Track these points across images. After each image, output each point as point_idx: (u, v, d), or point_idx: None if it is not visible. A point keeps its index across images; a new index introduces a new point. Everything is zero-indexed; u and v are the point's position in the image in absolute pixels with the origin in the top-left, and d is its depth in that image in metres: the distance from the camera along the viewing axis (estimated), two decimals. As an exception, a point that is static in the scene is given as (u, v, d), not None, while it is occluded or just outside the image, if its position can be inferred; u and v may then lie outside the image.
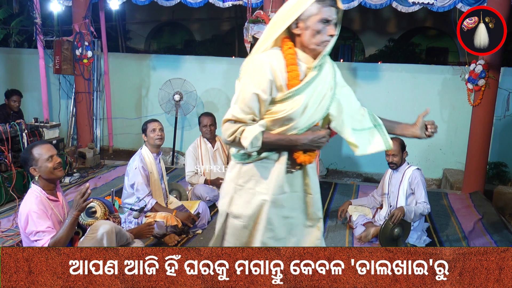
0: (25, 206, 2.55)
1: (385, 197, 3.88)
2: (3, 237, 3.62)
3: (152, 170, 3.75)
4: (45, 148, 2.62)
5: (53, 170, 2.60)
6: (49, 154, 2.60)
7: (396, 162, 3.68)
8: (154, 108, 6.97)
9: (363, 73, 6.34)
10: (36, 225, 2.48)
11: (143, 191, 3.65)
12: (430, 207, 3.65)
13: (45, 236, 2.49)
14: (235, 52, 11.61)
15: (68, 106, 7.02)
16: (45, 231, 2.49)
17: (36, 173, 2.60)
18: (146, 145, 3.80)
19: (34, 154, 2.58)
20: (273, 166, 1.99)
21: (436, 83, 6.19)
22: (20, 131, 4.58)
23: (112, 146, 7.21)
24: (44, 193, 2.61)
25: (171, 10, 12.50)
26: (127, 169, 3.77)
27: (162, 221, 3.57)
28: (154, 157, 3.80)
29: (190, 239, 3.69)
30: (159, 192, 3.81)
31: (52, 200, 2.65)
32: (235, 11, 11.53)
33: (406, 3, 5.33)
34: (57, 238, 2.49)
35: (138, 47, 13.35)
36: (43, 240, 2.49)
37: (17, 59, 7.62)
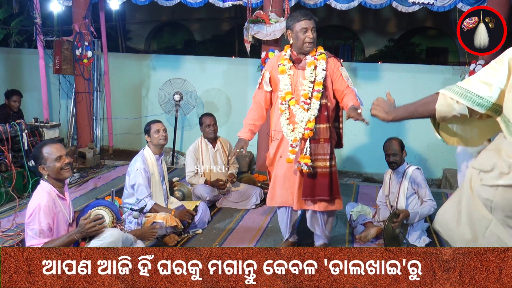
0: (35, 199, 2.56)
1: (386, 198, 3.89)
2: (3, 237, 3.62)
3: (154, 172, 3.75)
4: (54, 147, 2.64)
5: (60, 170, 2.61)
6: (58, 154, 2.61)
7: (397, 161, 3.68)
8: (154, 108, 6.96)
9: (363, 73, 6.34)
10: (39, 221, 2.49)
11: (142, 193, 3.65)
12: (436, 204, 3.65)
13: (41, 238, 2.51)
14: (235, 52, 11.61)
15: (68, 106, 7.02)
16: (43, 233, 2.50)
17: (45, 172, 2.63)
18: (149, 146, 3.80)
19: (43, 153, 2.61)
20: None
21: (436, 83, 6.18)
22: (20, 131, 4.58)
23: (112, 146, 7.20)
24: (55, 190, 2.64)
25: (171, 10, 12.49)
26: (128, 169, 3.77)
27: (162, 222, 3.58)
28: (156, 158, 3.80)
29: (190, 239, 3.69)
30: (159, 194, 3.81)
31: (61, 198, 2.67)
32: (235, 11, 11.52)
33: (406, 3, 5.32)
34: (51, 247, 2.49)
35: (138, 47, 13.34)
36: (37, 240, 2.50)
37: (17, 59, 7.61)
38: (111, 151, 7.14)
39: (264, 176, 5.53)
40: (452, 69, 6.08)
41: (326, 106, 3.09)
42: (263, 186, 5.06)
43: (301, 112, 3.06)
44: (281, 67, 3.14)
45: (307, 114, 3.05)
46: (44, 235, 2.51)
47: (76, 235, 2.58)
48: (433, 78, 6.19)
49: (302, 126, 3.07)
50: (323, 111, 3.06)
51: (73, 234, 2.58)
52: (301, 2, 5.51)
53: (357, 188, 5.41)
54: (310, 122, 3.05)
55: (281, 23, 5.11)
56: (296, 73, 3.13)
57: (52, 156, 2.60)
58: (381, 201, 3.97)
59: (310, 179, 3.10)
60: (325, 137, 3.09)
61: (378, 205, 4.00)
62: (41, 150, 2.62)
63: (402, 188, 3.69)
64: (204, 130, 4.58)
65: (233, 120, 6.90)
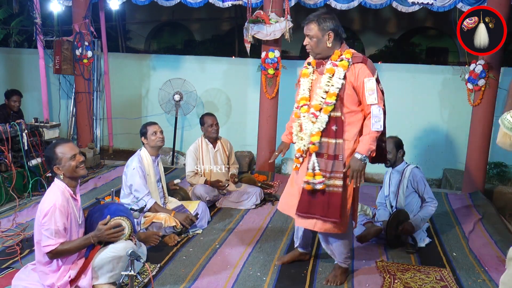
0: (50, 198, 2.56)
1: (386, 199, 3.89)
2: (3, 237, 3.62)
3: (149, 173, 3.76)
4: (68, 146, 2.66)
5: (75, 168, 2.63)
6: (72, 153, 2.64)
7: (390, 159, 3.70)
8: (154, 108, 6.96)
9: (363, 73, 6.33)
10: (55, 221, 2.50)
11: (142, 191, 3.66)
12: (437, 202, 3.68)
13: (57, 238, 2.51)
14: (235, 52, 11.60)
15: (68, 106, 7.02)
16: (59, 233, 2.51)
17: (60, 172, 2.63)
18: (146, 147, 3.81)
19: (57, 153, 2.61)
20: None
21: (436, 83, 6.19)
22: (20, 131, 4.58)
23: (112, 146, 7.20)
24: (69, 190, 2.65)
25: (171, 10, 12.49)
26: (124, 169, 3.79)
27: (161, 222, 3.58)
28: (153, 160, 3.81)
29: (190, 239, 3.69)
30: (155, 194, 3.82)
31: (73, 199, 2.68)
32: (235, 11, 11.52)
33: (406, 3, 5.32)
34: (65, 248, 2.54)
35: (138, 47, 13.34)
36: (53, 241, 2.50)
37: (17, 59, 7.62)
38: (111, 151, 7.14)
39: (264, 176, 5.53)
40: (452, 69, 6.08)
41: (337, 120, 2.79)
42: (263, 186, 5.07)
43: (307, 123, 2.84)
44: (304, 69, 2.94)
45: (313, 126, 2.81)
46: (60, 235, 2.52)
47: (93, 239, 2.61)
48: (433, 78, 6.19)
49: (307, 139, 2.85)
50: (331, 125, 2.78)
51: (90, 238, 2.61)
52: (301, 2, 5.51)
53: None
54: (313, 136, 2.80)
55: (281, 23, 5.11)
56: (317, 78, 2.89)
57: (67, 155, 2.61)
58: (380, 201, 3.98)
59: (308, 195, 2.84)
60: (330, 153, 2.79)
61: (377, 206, 4.01)
62: (55, 150, 2.62)
63: (401, 187, 3.72)
64: (207, 130, 4.58)
65: (233, 120, 6.90)
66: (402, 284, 3.00)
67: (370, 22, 12.79)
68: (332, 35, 2.77)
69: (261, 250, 3.54)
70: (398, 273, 3.16)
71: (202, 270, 3.16)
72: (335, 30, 2.78)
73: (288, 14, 5.13)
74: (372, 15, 12.42)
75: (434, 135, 6.36)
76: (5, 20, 8.04)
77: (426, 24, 12.74)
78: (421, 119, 6.32)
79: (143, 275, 2.98)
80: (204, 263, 3.28)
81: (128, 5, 7.33)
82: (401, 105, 6.22)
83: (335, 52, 2.81)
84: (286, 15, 5.11)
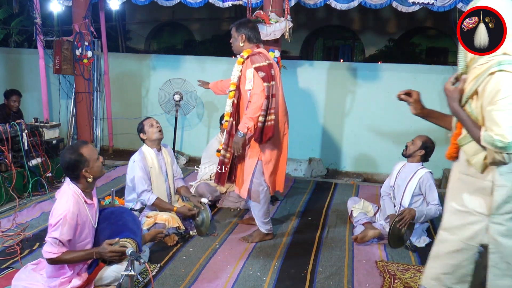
0: (64, 205, 2.47)
1: (391, 189, 3.87)
2: (3, 237, 3.62)
3: (153, 165, 3.74)
4: (90, 148, 2.59)
5: (101, 168, 2.60)
6: (96, 153, 2.59)
7: (408, 149, 3.77)
8: (154, 108, 6.96)
9: (363, 73, 6.34)
10: (61, 232, 2.44)
11: (141, 185, 3.64)
12: (442, 208, 3.66)
13: (59, 248, 2.47)
14: (235, 52, 11.61)
15: (68, 106, 7.02)
16: (61, 243, 2.45)
17: (89, 175, 2.54)
18: (146, 143, 3.80)
19: (85, 155, 2.52)
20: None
21: (436, 83, 6.18)
22: (20, 131, 4.58)
23: (112, 146, 7.20)
24: (83, 197, 2.57)
25: (171, 10, 12.51)
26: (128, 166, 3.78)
27: (164, 223, 3.57)
28: (156, 153, 3.79)
29: (190, 239, 3.69)
30: (162, 190, 3.79)
31: (88, 204, 2.61)
32: (235, 11, 11.53)
33: (406, 3, 5.32)
34: (66, 258, 2.50)
35: (138, 47, 13.35)
36: (56, 249, 2.46)
37: (17, 59, 7.61)
38: (111, 151, 7.14)
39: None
40: (452, 69, 6.08)
41: (234, 104, 3.52)
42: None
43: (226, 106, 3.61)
44: (239, 58, 3.55)
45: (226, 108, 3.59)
46: (62, 245, 2.47)
47: (96, 255, 2.55)
48: (433, 78, 6.18)
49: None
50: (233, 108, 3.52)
51: (93, 253, 2.54)
52: (301, 2, 5.51)
53: (357, 188, 5.42)
54: (225, 116, 3.59)
55: (281, 23, 5.11)
56: None
57: (94, 156, 2.56)
58: (385, 191, 3.97)
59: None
60: (228, 130, 3.54)
61: (380, 201, 4.00)
62: (81, 153, 2.52)
63: (409, 186, 3.69)
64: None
65: (233, 120, 6.89)
66: (402, 284, 3.00)
67: (370, 22, 12.81)
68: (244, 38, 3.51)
69: (261, 250, 3.54)
70: (398, 273, 3.17)
71: (202, 270, 3.16)
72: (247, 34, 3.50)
73: (288, 14, 5.12)
74: (372, 15, 12.44)
75: (434, 135, 6.35)
76: (5, 20, 8.04)
77: (426, 24, 12.76)
78: (421, 119, 6.28)
79: (143, 275, 2.98)
80: (204, 263, 3.28)
81: (128, 5, 7.34)
82: (401, 105, 6.19)
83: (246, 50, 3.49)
84: (286, 15, 5.11)
